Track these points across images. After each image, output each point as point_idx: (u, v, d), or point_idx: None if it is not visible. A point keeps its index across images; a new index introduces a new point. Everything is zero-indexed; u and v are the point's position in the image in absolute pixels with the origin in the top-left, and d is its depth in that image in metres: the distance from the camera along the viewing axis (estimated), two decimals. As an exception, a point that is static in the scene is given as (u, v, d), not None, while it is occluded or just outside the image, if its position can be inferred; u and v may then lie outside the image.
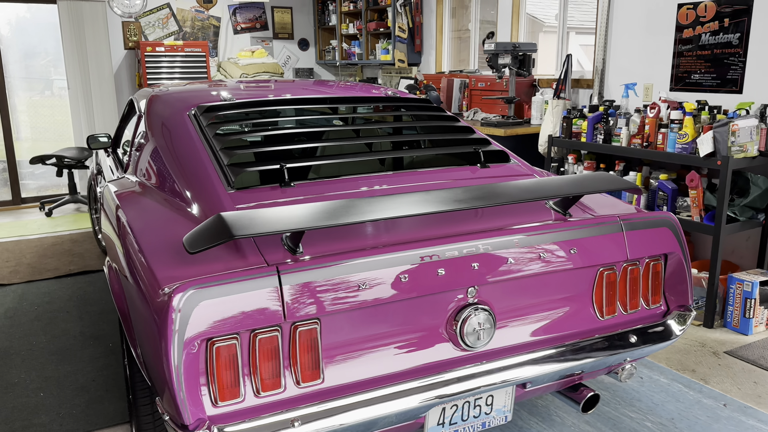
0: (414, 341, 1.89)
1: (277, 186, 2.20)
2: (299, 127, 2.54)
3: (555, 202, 2.27)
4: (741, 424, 2.69)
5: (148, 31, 7.39)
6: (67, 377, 3.15)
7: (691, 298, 2.27)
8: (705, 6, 3.99)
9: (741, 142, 3.46)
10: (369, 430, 1.79)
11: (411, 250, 1.81)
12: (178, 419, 1.56)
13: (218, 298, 1.58)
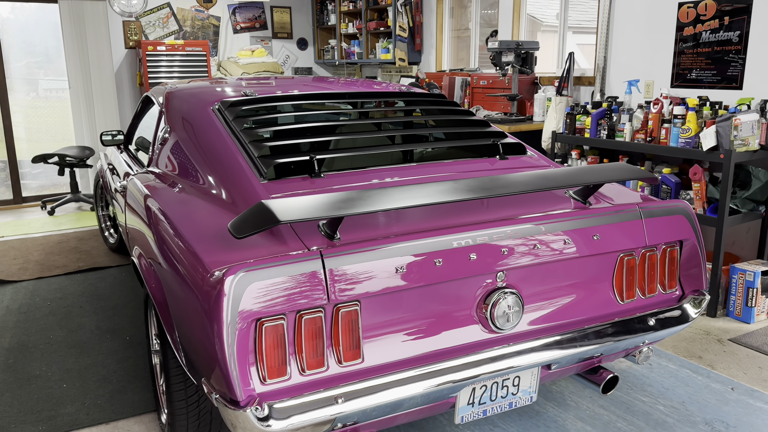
0: (446, 323, 1.96)
1: (307, 176, 2.27)
2: (323, 120, 2.61)
3: (575, 191, 2.35)
4: (749, 407, 2.79)
5: (148, 30, 7.42)
6: (88, 369, 3.20)
7: (705, 282, 2.37)
8: (705, 5, 4.10)
9: (743, 136, 3.57)
10: (405, 408, 1.87)
11: (444, 235, 1.89)
12: (231, 396, 1.62)
13: (267, 280, 1.65)
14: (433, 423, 2.68)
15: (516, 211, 2.19)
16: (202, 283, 1.74)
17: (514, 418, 2.71)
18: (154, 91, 3.53)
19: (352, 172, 2.34)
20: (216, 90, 3.03)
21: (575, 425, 2.65)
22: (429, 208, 2.13)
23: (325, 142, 2.68)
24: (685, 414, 2.73)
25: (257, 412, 1.62)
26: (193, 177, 2.45)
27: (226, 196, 2.22)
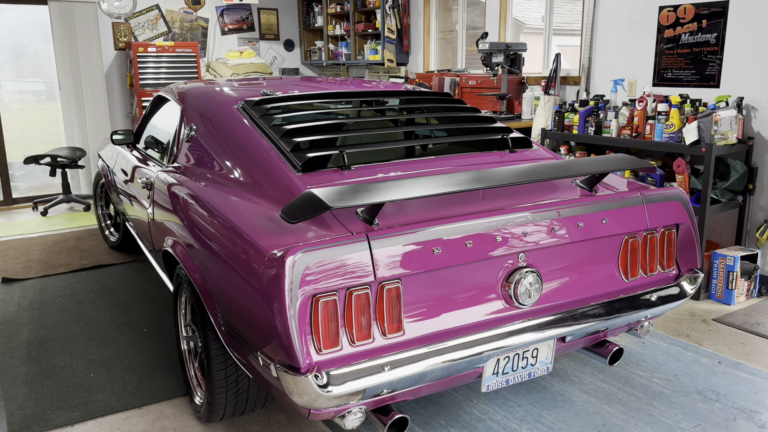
0: (474, 300, 2.16)
1: (338, 169, 2.44)
2: (344, 117, 2.79)
3: (582, 180, 2.57)
4: (736, 377, 3.05)
5: (137, 31, 7.49)
6: (112, 359, 3.32)
7: (699, 262, 2.61)
8: (684, 8, 4.38)
9: (723, 131, 3.84)
10: (440, 376, 2.06)
11: (474, 220, 2.09)
12: (293, 364, 1.79)
13: (322, 259, 1.83)
14: (449, 398, 2.87)
15: (530, 198, 2.40)
16: (260, 265, 1.90)
17: (524, 393, 2.92)
18: (167, 91, 3.66)
19: (378, 164, 2.52)
20: (233, 90, 3.18)
21: (580, 397, 2.88)
22: (452, 196, 2.33)
23: (348, 137, 2.86)
24: (678, 385, 2.98)
25: (318, 379, 1.79)
26: (227, 171, 2.61)
27: (264, 187, 2.38)
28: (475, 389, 2.95)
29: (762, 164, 4.07)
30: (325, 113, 3.11)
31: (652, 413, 2.74)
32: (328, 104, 3.06)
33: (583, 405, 2.81)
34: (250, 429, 2.67)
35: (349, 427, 2.02)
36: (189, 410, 2.82)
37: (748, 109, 4.07)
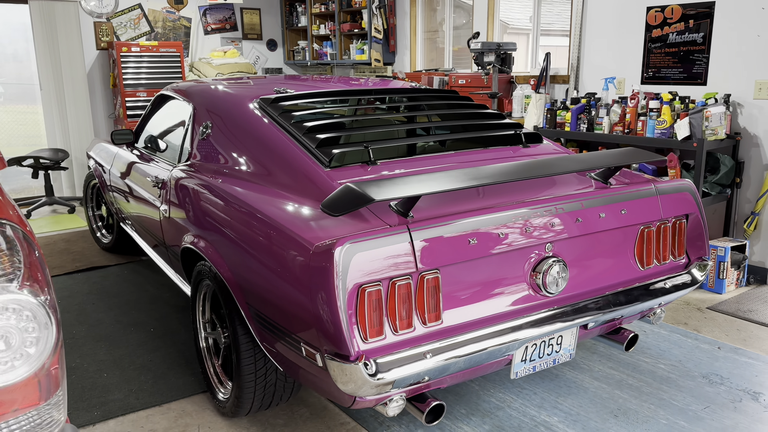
0: (505, 289, 2.22)
1: (364, 164, 2.49)
2: (362, 114, 2.83)
3: (596, 173, 2.67)
4: (736, 361, 3.19)
5: (120, 31, 7.39)
6: (123, 359, 3.30)
7: (707, 250, 2.73)
8: (672, 9, 4.54)
9: (713, 126, 4.00)
10: (476, 363, 2.12)
11: (505, 211, 2.15)
12: (343, 352, 1.83)
13: (367, 251, 1.87)
14: (466, 388, 2.94)
15: (551, 190, 2.48)
16: (304, 257, 1.94)
17: (538, 381, 3.00)
18: (171, 90, 3.65)
19: (402, 159, 2.58)
20: (243, 88, 3.20)
21: (592, 384, 2.97)
22: (477, 189, 2.39)
23: (367, 134, 2.90)
24: (683, 370, 3.10)
25: (368, 368, 1.84)
26: (251, 168, 2.63)
27: (293, 183, 2.41)
28: (491, 379, 3.02)
29: (748, 158, 4.24)
30: (339, 110, 3.15)
31: (663, 397, 2.85)
32: (341, 102, 3.10)
33: (596, 391, 2.91)
34: (274, 423, 2.70)
35: (391, 414, 2.06)
36: (210, 406, 2.83)
37: (735, 106, 4.24)
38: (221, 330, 2.67)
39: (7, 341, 0.93)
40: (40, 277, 0.99)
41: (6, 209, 0.97)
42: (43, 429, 1.02)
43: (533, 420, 2.68)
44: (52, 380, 1.01)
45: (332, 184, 2.33)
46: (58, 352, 1.03)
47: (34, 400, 0.97)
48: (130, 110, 7.02)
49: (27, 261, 0.97)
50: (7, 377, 0.94)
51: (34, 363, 0.96)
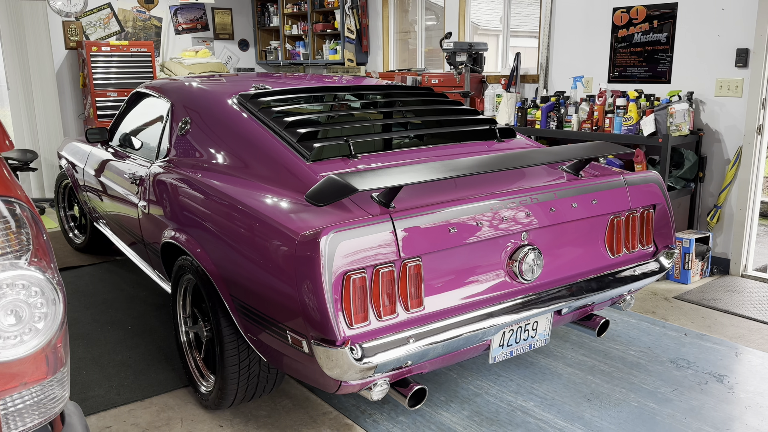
0: (483, 277, 2.30)
1: (345, 158, 2.54)
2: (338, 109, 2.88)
3: (568, 165, 2.77)
4: (701, 346, 3.33)
5: (89, 31, 7.31)
6: (102, 357, 3.29)
7: (674, 239, 2.85)
8: (637, 9, 4.69)
9: (677, 123, 4.15)
10: (457, 348, 2.19)
11: (483, 201, 2.23)
12: (330, 337, 1.88)
13: (352, 239, 1.93)
14: (444, 377, 3.01)
15: (526, 182, 2.57)
16: (290, 246, 1.98)
17: (513, 369, 3.09)
18: (148, 87, 3.65)
19: (381, 153, 2.64)
20: (221, 85, 3.22)
21: (566, 371, 3.07)
22: (455, 181, 2.47)
23: (346, 129, 2.96)
24: (652, 356, 3.22)
25: (353, 352, 1.89)
26: (232, 163, 2.66)
27: (275, 176, 2.46)
28: (469, 368, 3.10)
29: (711, 154, 4.41)
30: (318, 106, 3.20)
31: (633, 381, 2.97)
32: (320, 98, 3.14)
33: (569, 377, 3.01)
34: (258, 414, 2.73)
35: (375, 399, 2.12)
36: (193, 400, 2.85)
37: (698, 103, 4.41)
38: (203, 324, 2.70)
39: (18, 315, 0.96)
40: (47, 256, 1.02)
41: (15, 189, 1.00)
42: (47, 404, 1.05)
43: (510, 405, 2.77)
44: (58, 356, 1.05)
45: (314, 176, 2.38)
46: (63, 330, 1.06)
47: (41, 374, 1.00)
48: (101, 110, 6.95)
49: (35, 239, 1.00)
50: (17, 351, 0.97)
51: (43, 338, 0.99)
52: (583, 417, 2.67)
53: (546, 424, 2.62)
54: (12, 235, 0.95)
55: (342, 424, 2.64)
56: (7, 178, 0.99)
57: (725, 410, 2.72)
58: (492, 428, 2.60)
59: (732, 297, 4.00)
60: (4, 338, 0.96)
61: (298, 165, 2.44)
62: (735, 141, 4.26)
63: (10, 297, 0.94)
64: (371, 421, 2.66)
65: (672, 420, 2.64)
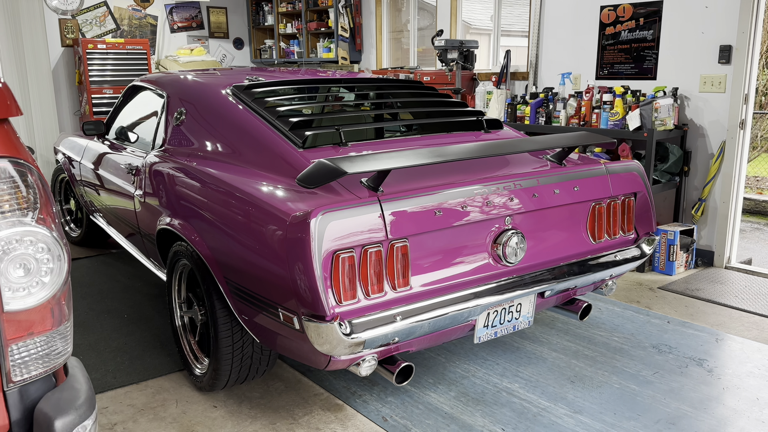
0: (468, 258, 2.39)
1: (336, 146, 2.63)
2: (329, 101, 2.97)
3: (552, 155, 2.86)
4: (683, 333, 3.42)
5: (85, 28, 7.38)
6: (98, 343, 3.36)
7: (654, 226, 2.94)
8: (623, 8, 4.80)
9: (662, 117, 4.25)
10: (442, 327, 2.28)
11: (468, 186, 2.32)
12: (319, 313, 1.97)
13: (341, 220, 2.01)
14: (433, 361, 3.10)
15: (510, 170, 2.66)
16: (282, 227, 2.07)
17: (500, 353, 3.18)
18: (144, 80, 3.73)
19: (371, 142, 2.73)
20: (215, 77, 3.31)
21: (551, 355, 3.16)
22: (441, 167, 2.56)
23: (337, 119, 3.04)
24: (635, 342, 3.31)
25: (342, 327, 1.98)
26: (226, 150, 2.75)
27: (268, 163, 2.54)
28: (456, 352, 3.19)
29: (695, 148, 4.51)
30: (310, 97, 3.28)
31: (616, 365, 3.06)
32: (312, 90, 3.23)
33: (554, 361, 3.10)
34: (251, 396, 2.81)
35: (364, 374, 2.21)
36: (187, 383, 2.93)
37: (682, 99, 4.51)
38: (198, 308, 2.78)
39: (26, 268, 1.04)
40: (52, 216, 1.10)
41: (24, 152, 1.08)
42: (51, 358, 1.12)
43: (495, 387, 2.86)
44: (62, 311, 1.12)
45: (306, 163, 2.46)
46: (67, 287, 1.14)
47: (48, 325, 1.08)
48: (96, 107, 7.02)
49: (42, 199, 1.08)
50: (26, 302, 1.05)
51: (49, 291, 1.07)
52: (566, 398, 2.76)
53: (530, 404, 2.71)
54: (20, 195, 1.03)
55: (333, 405, 2.72)
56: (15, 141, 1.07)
57: (704, 391, 2.82)
58: (478, 408, 2.68)
59: (715, 287, 4.10)
60: (14, 290, 1.04)
61: (290, 152, 2.53)
62: (719, 136, 4.37)
63: (19, 251, 1.02)
64: (361, 401, 2.74)
65: (652, 400, 2.74)
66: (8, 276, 1.02)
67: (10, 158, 1.02)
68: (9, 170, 1.02)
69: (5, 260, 1.01)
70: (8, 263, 1.01)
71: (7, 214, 1.01)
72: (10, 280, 1.02)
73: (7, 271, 1.01)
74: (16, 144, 1.05)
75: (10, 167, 1.02)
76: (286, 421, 2.61)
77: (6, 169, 1.02)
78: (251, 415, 2.65)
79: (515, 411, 2.66)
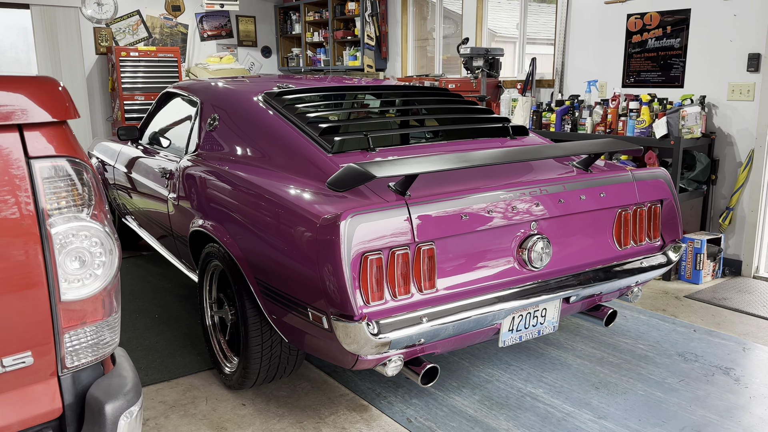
0: (494, 262, 2.42)
1: (364, 151, 2.69)
2: (357, 107, 3.03)
3: (578, 161, 2.88)
4: (710, 342, 3.40)
5: (118, 36, 7.58)
6: (130, 342, 3.46)
7: (680, 234, 2.94)
8: (650, 16, 4.80)
9: (689, 125, 4.24)
10: (467, 329, 2.31)
11: (494, 191, 2.36)
12: (348, 313, 2.02)
13: (370, 222, 2.07)
14: (457, 365, 3.13)
15: (537, 175, 2.69)
16: (312, 229, 2.13)
17: (524, 359, 3.20)
18: (177, 87, 3.84)
19: (398, 147, 2.78)
20: (247, 85, 3.39)
21: (575, 361, 3.17)
22: (467, 172, 2.60)
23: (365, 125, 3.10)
24: (661, 350, 3.31)
25: (369, 327, 2.03)
26: (258, 155, 2.82)
27: (298, 167, 2.61)
28: (480, 357, 3.21)
29: (723, 156, 4.49)
30: (338, 104, 3.35)
31: (641, 372, 3.06)
32: (341, 96, 3.30)
33: (578, 367, 3.11)
34: (278, 395, 2.87)
35: (390, 374, 2.25)
36: (217, 381, 3.00)
37: (710, 107, 4.49)
38: (228, 308, 2.85)
39: (81, 261, 1.12)
40: (104, 211, 1.17)
41: (80, 152, 1.16)
42: (100, 347, 1.19)
43: (520, 391, 2.88)
44: (111, 303, 1.19)
45: (335, 167, 2.52)
46: (117, 279, 1.21)
47: (99, 316, 1.15)
48: (128, 113, 7.19)
49: (96, 196, 1.15)
50: (81, 292, 1.12)
51: (101, 282, 1.14)
52: (591, 403, 2.77)
53: (554, 409, 2.73)
54: (76, 192, 1.11)
55: (358, 405, 2.77)
56: (73, 141, 1.14)
57: (730, 399, 2.80)
58: (502, 411, 2.71)
59: (743, 297, 4.07)
60: (70, 281, 1.11)
61: (319, 157, 2.59)
62: (747, 144, 4.34)
63: (75, 244, 1.09)
64: (386, 402, 2.78)
65: (678, 408, 2.73)
66: (65, 268, 1.09)
67: (68, 157, 1.10)
68: (67, 169, 1.09)
69: (63, 253, 1.08)
70: (65, 256, 1.09)
71: (64, 210, 1.09)
72: (67, 272, 1.10)
73: (64, 264, 1.09)
74: (73, 144, 1.13)
75: (68, 166, 1.09)
76: (312, 420, 2.66)
77: (64, 167, 1.09)
78: (279, 414, 2.71)
79: (539, 416, 2.68)
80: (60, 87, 1.17)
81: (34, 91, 1.09)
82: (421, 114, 3.39)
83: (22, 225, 1.07)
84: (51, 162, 1.08)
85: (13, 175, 1.06)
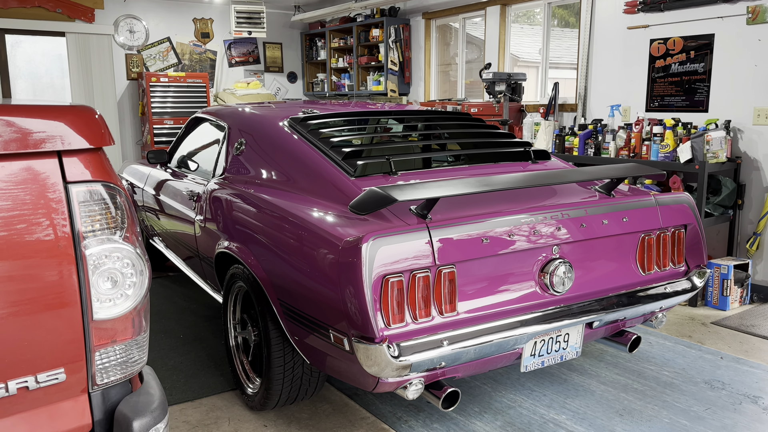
0: (515, 286, 2.43)
1: (386, 174, 2.73)
2: (379, 132, 3.08)
3: (600, 186, 2.89)
4: (737, 369, 3.34)
5: (149, 62, 7.79)
6: (155, 361, 3.51)
7: (705, 259, 2.92)
8: (674, 41, 4.80)
9: (714, 150, 4.21)
10: (488, 354, 2.31)
11: (516, 215, 2.38)
12: (369, 335, 2.04)
13: (391, 245, 2.10)
14: (478, 390, 3.12)
15: (558, 200, 2.70)
16: (334, 251, 2.16)
17: (547, 384, 3.17)
18: (205, 113, 3.94)
19: (420, 171, 2.82)
20: (272, 110, 3.47)
21: (599, 387, 3.14)
22: (488, 196, 2.62)
23: (387, 149, 3.15)
24: (687, 377, 3.26)
25: (390, 350, 2.04)
26: (283, 179, 2.88)
27: (321, 190, 2.66)
28: (502, 382, 3.20)
29: (749, 181, 4.44)
30: (361, 129, 3.41)
31: (666, 399, 3.01)
32: (364, 121, 3.36)
33: (602, 394, 3.07)
34: (299, 416, 2.89)
35: (410, 398, 2.26)
36: (239, 402, 3.03)
37: (735, 131, 4.46)
38: (251, 329, 2.89)
39: (113, 281, 1.17)
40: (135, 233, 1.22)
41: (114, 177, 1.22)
42: (129, 365, 1.24)
43: (542, 418, 2.85)
44: (141, 322, 1.24)
45: (357, 190, 2.56)
46: (146, 300, 1.25)
47: (128, 335, 1.20)
48: (158, 137, 7.36)
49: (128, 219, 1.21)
50: (112, 312, 1.17)
51: (132, 302, 1.18)
52: (615, 430, 2.73)
53: (577, 435, 2.70)
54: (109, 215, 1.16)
55: (379, 428, 2.77)
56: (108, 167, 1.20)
57: (759, 429, 2.75)
58: (524, 437, 2.69)
59: (772, 324, 3.99)
60: (102, 301, 1.16)
61: (342, 180, 2.64)
62: (774, 169, 4.29)
63: (108, 265, 1.15)
64: (407, 426, 2.78)
65: (704, 437, 2.68)
66: (98, 288, 1.14)
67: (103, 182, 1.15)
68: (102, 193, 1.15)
69: (96, 273, 1.13)
70: (98, 276, 1.14)
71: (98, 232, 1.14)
72: (99, 292, 1.14)
73: (97, 284, 1.14)
74: (108, 170, 1.19)
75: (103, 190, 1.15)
76: (333, 442, 2.67)
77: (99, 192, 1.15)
78: (300, 436, 2.72)
79: (562, 442, 2.65)
80: (96, 115, 1.23)
81: (73, 119, 1.15)
82: (443, 138, 3.43)
83: (58, 246, 1.12)
84: (87, 186, 1.14)
85: (51, 199, 1.12)
